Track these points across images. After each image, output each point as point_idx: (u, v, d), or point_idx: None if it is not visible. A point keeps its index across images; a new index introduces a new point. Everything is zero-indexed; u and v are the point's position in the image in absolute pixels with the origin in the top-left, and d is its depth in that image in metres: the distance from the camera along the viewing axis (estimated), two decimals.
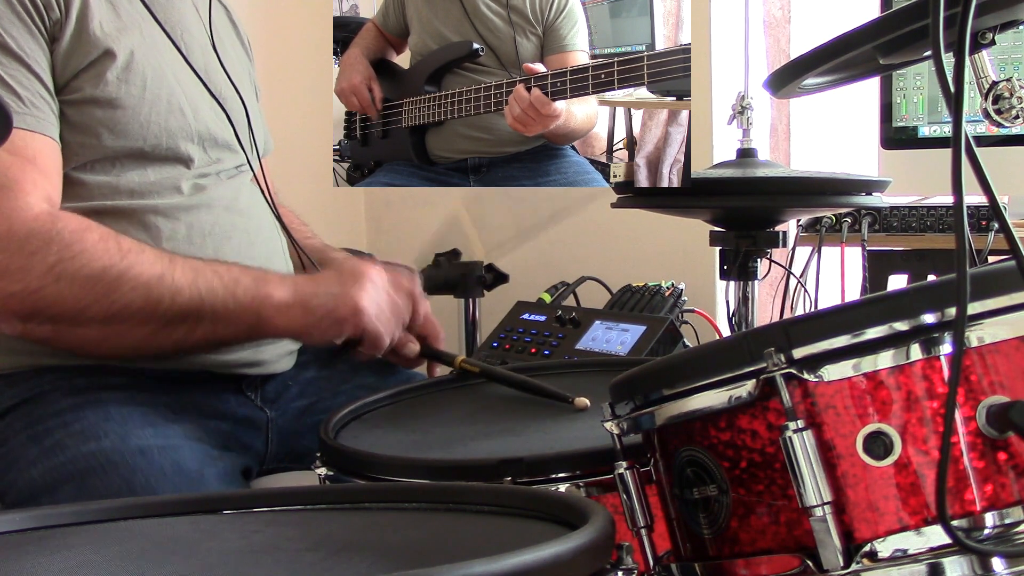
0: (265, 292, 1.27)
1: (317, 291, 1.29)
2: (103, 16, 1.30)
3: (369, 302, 1.29)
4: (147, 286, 1.21)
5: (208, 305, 1.24)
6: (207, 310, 1.24)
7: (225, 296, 1.24)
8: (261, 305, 1.26)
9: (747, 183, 1.57)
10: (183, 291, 1.23)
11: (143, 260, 1.22)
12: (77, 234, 1.20)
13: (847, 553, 0.75)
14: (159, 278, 1.22)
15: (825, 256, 2.07)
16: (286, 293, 1.27)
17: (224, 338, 1.29)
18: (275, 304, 1.27)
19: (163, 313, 1.22)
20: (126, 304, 1.21)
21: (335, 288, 1.30)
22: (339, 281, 1.31)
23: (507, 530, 0.75)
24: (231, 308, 1.25)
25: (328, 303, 1.28)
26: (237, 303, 1.25)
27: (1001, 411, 0.74)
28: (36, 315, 1.21)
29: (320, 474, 1.06)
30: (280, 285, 1.28)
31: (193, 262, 1.26)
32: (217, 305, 1.24)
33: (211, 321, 1.25)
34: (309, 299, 1.28)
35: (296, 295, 1.28)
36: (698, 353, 0.89)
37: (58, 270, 1.19)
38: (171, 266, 1.23)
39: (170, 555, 0.75)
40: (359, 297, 1.29)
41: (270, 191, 1.49)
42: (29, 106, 1.23)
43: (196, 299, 1.23)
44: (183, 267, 1.24)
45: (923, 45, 1.01)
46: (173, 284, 1.22)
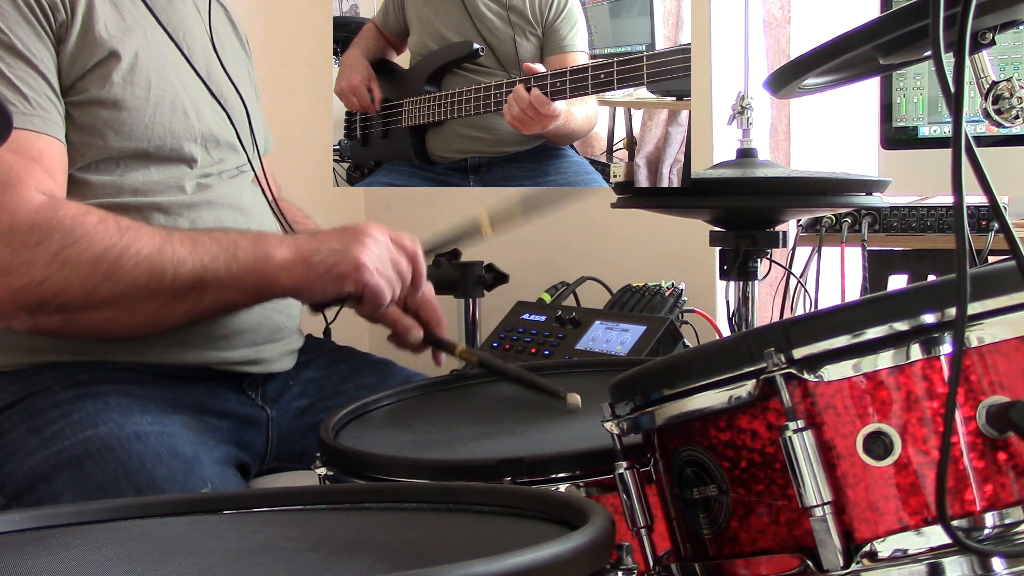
0: (266, 251, 1.26)
1: (319, 247, 1.28)
2: (108, 18, 1.30)
3: (370, 258, 1.29)
4: (149, 260, 1.21)
5: (211, 272, 1.24)
6: (211, 277, 1.24)
7: (227, 260, 1.24)
8: (263, 265, 1.26)
9: (747, 183, 1.57)
10: (185, 261, 1.23)
11: (142, 235, 1.23)
12: (77, 219, 1.21)
13: (847, 553, 0.75)
14: (159, 251, 1.22)
15: (825, 256, 2.07)
16: (287, 251, 1.27)
17: (232, 302, 1.29)
18: (277, 263, 1.26)
19: (168, 285, 1.22)
20: (131, 281, 1.21)
21: (336, 244, 1.29)
22: (340, 238, 1.30)
23: (507, 530, 0.75)
24: (234, 271, 1.25)
25: (330, 259, 1.28)
26: (240, 266, 1.25)
27: (1001, 411, 0.74)
28: (44, 306, 1.21)
29: (320, 474, 1.06)
30: (280, 244, 1.28)
31: (191, 233, 1.26)
32: (220, 270, 1.24)
33: (217, 287, 1.24)
34: (310, 255, 1.27)
35: (297, 252, 1.27)
36: (698, 353, 0.89)
37: (62, 257, 1.19)
38: (169, 239, 1.24)
39: (170, 555, 0.75)
40: (360, 253, 1.28)
41: (271, 189, 1.49)
42: (35, 107, 1.24)
43: (199, 267, 1.23)
44: (181, 238, 1.24)
45: (923, 45, 1.01)
46: (174, 255, 1.22)
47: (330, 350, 1.58)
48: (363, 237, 1.29)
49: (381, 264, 1.30)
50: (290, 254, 1.27)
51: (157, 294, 1.23)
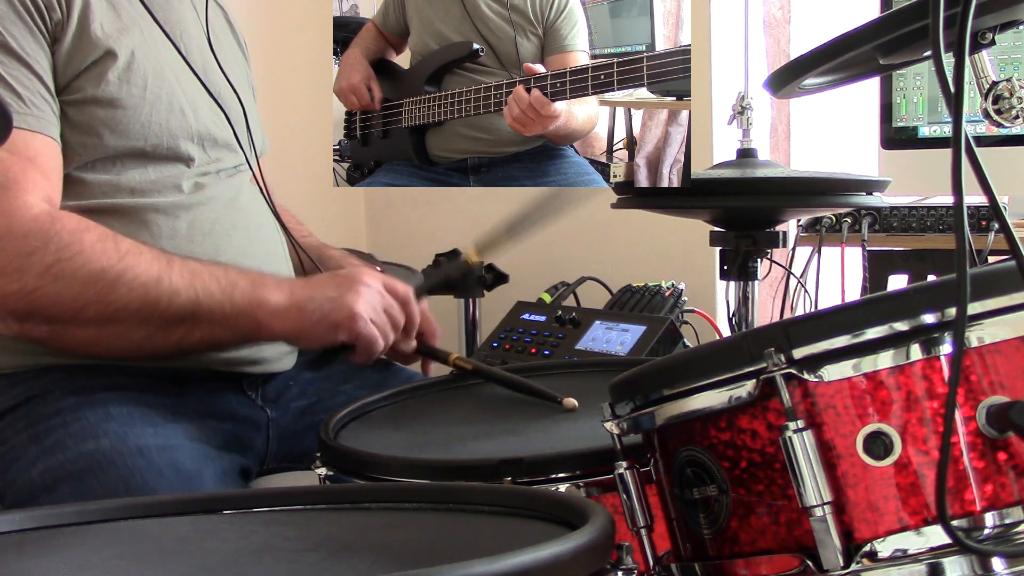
0: (261, 296, 1.27)
1: (313, 295, 1.29)
2: (104, 17, 1.30)
3: (364, 307, 1.30)
4: (145, 287, 1.21)
5: (205, 308, 1.24)
6: (204, 313, 1.24)
7: (222, 299, 1.25)
8: (258, 309, 1.26)
9: (747, 183, 1.57)
10: (180, 293, 1.23)
11: (141, 262, 1.22)
12: (75, 234, 1.21)
13: (847, 553, 0.75)
14: (157, 280, 1.22)
15: (825, 256, 2.07)
16: (282, 297, 1.28)
17: (221, 340, 1.29)
18: (271, 308, 1.27)
19: (160, 315, 1.23)
20: (123, 305, 1.21)
21: (331, 292, 1.30)
22: (334, 285, 1.31)
23: (507, 530, 0.75)
24: (228, 311, 1.25)
25: (324, 307, 1.29)
26: (234, 306, 1.25)
27: (1001, 411, 0.74)
28: (33, 315, 1.21)
29: (320, 474, 1.06)
30: (276, 289, 1.28)
31: (191, 264, 1.26)
32: (214, 308, 1.24)
33: (208, 323, 1.25)
34: (304, 303, 1.28)
35: (292, 299, 1.28)
36: (698, 353, 0.89)
37: (56, 270, 1.19)
38: (169, 268, 1.24)
39: (170, 555, 0.75)
40: (354, 302, 1.29)
41: (268, 190, 1.49)
42: (30, 106, 1.24)
43: (193, 302, 1.23)
44: (181, 269, 1.24)
45: (923, 45, 1.01)
46: (171, 286, 1.23)
47: (329, 359, 1.58)
48: (357, 285, 1.30)
49: (375, 313, 1.31)
50: (285, 300, 1.28)
51: (147, 322, 1.23)
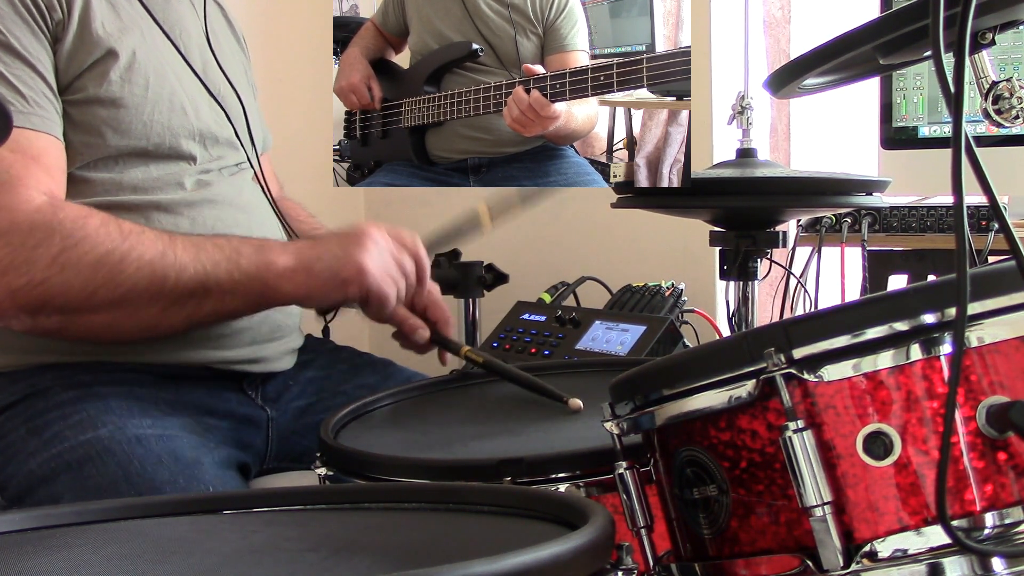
0: (268, 259, 1.26)
1: (320, 254, 1.28)
2: (104, 16, 1.30)
3: (372, 262, 1.28)
4: (151, 265, 1.21)
5: (213, 278, 1.23)
6: (212, 283, 1.23)
7: (229, 267, 1.24)
8: (265, 273, 1.25)
9: (747, 183, 1.57)
10: (187, 267, 1.22)
11: (144, 240, 1.22)
12: (78, 221, 1.21)
13: (847, 553, 0.75)
14: (162, 256, 1.22)
15: (825, 256, 2.07)
16: (289, 259, 1.26)
17: (233, 310, 1.28)
18: (279, 270, 1.26)
19: (170, 291, 1.22)
20: (132, 285, 1.21)
21: (337, 250, 1.28)
22: (341, 243, 1.29)
23: (507, 530, 0.75)
24: (236, 279, 1.24)
25: (332, 265, 1.27)
26: (242, 273, 1.24)
27: (1001, 411, 0.74)
28: (44, 307, 1.21)
29: (320, 474, 1.06)
30: (282, 252, 1.27)
31: (194, 238, 1.26)
32: (222, 277, 1.24)
33: (218, 294, 1.24)
34: (312, 263, 1.27)
35: (299, 260, 1.27)
36: (698, 353, 0.89)
37: (62, 259, 1.19)
38: (172, 244, 1.23)
39: (170, 555, 0.75)
40: (362, 257, 1.27)
41: (269, 188, 1.49)
42: (33, 105, 1.24)
43: (201, 273, 1.23)
44: (184, 244, 1.24)
45: (923, 45, 1.01)
46: (176, 261, 1.22)
47: (330, 350, 1.58)
48: (364, 240, 1.28)
49: (384, 265, 1.29)
50: (292, 262, 1.26)
51: (158, 299, 1.22)
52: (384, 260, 1.29)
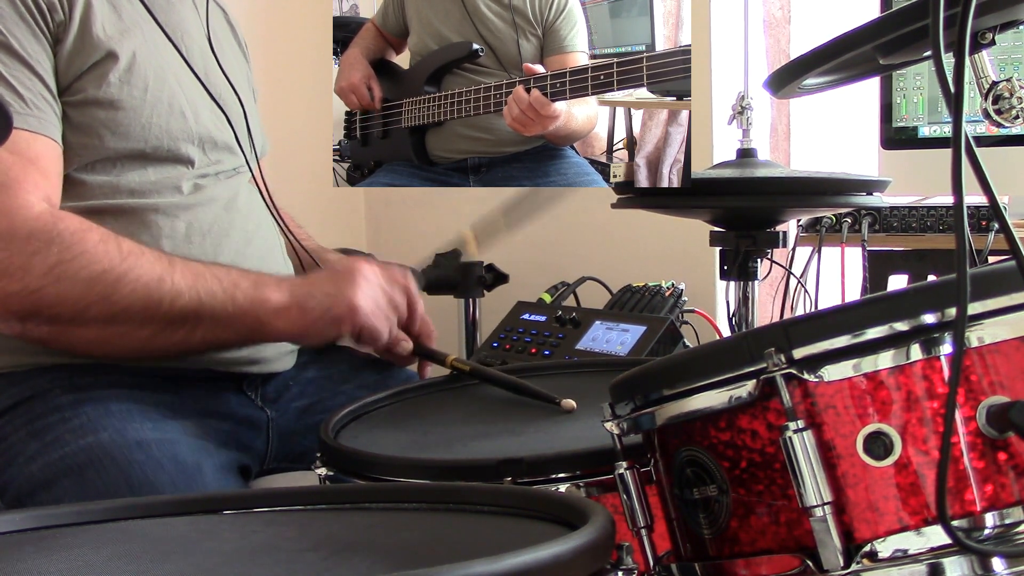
0: (263, 295, 1.27)
1: (312, 292, 1.29)
2: (105, 18, 1.30)
3: (364, 299, 1.30)
4: (147, 288, 1.22)
5: (208, 308, 1.24)
6: (206, 313, 1.24)
7: (224, 300, 1.25)
8: (259, 309, 1.26)
9: (747, 183, 1.56)
10: (183, 294, 1.23)
11: (143, 262, 1.22)
12: (78, 235, 1.21)
13: (847, 553, 0.75)
14: (159, 280, 1.22)
15: (825, 256, 2.07)
16: (282, 296, 1.28)
17: (224, 341, 1.29)
18: (273, 307, 1.27)
19: (163, 316, 1.23)
20: (126, 306, 1.21)
21: (330, 288, 1.30)
22: (333, 280, 1.31)
23: (507, 530, 0.75)
24: (230, 312, 1.25)
25: (324, 303, 1.29)
26: (236, 307, 1.25)
27: (1001, 411, 0.74)
28: (35, 315, 1.21)
29: (320, 474, 1.06)
30: (276, 288, 1.28)
31: (193, 265, 1.26)
32: (217, 308, 1.24)
33: (210, 324, 1.25)
34: (305, 300, 1.28)
35: (292, 297, 1.28)
36: (698, 353, 0.89)
37: (58, 271, 1.19)
38: (171, 269, 1.24)
39: (170, 555, 0.75)
40: (354, 295, 1.29)
41: (268, 192, 1.49)
42: (31, 107, 1.24)
43: (196, 302, 1.23)
44: (183, 270, 1.24)
45: (923, 45, 1.01)
46: (173, 287, 1.23)
47: (330, 350, 1.58)
48: (356, 277, 1.31)
49: (376, 303, 1.31)
50: (285, 299, 1.28)
51: (150, 323, 1.23)
52: (376, 298, 1.32)
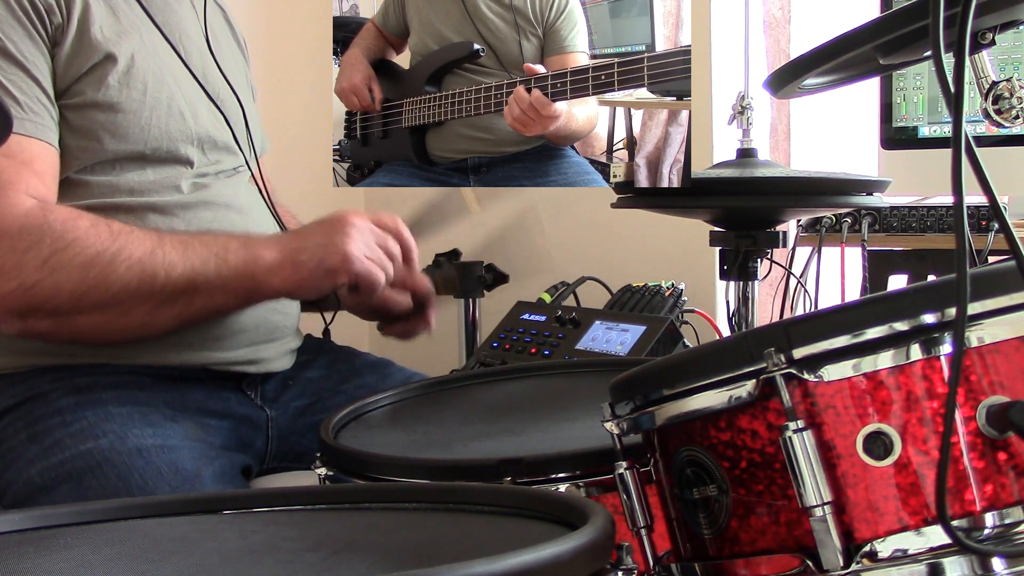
0: (255, 254, 1.27)
1: (304, 245, 1.29)
2: (103, 20, 1.30)
3: (356, 248, 1.29)
4: (141, 263, 1.21)
5: (202, 275, 1.24)
6: (202, 280, 1.24)
7: (218, 264, 1.25)
8: (253, 267, 1.26)
9: (747, 183, 1.56)
10: (176, 265, 1.23)
11: (134, 239, 1.23)
12: (68, 223, 1.21)
13: (847, 553, 0.75)
14: (151, 254, 1.22)
15: (825, 256, 2.07)
16: (274, 252, 1.27)
17: (223, 306, 1.29)
18: (267, 265, 1.27)
19: (160, 289, 1.22)
20: (123, 285, 1.21)
21: (321, 239, 1.29)
22: (324, 231, 1.30)
23: (507, 530, 0.75)
24: (224, 275, 1.25)
25: (317, 254, 1.28)
26: (230, 269, 1.25)
27: (1001, 411, 0.74)
28: (35, 310, 1.21)
29: (320, 474, 1.06)
30: (267, 246, 1.28)
31: (182, 236, 1.26)
32: (210, 274, 1.24)
33: (207, 291, 1.25)
34: (297, 254, 1.28)
35: (284, 253, 1.28)
36: (698, 353, 0.89)
37: (53, 262, 1.19)
38: (161, 242, 1.24)
39: (170, 555, 0.75)
40: (345, 243, 1.28)
41: (268, 190, 1.49)
42: (28, 111, 1.23)
43: (190, 271, 1.23)
44: (172, 242, 1.24)
45: (923, 45, 1.01)
46: (165, 259, 1.23)
47: (330, 350, 1.58)
48: (345, 227, 1.29)
49: (369, 249, 1.30)
50: (278, 255, 1.27)
51: (148, 298, 1.23)
52: (368, 244, 1.30)
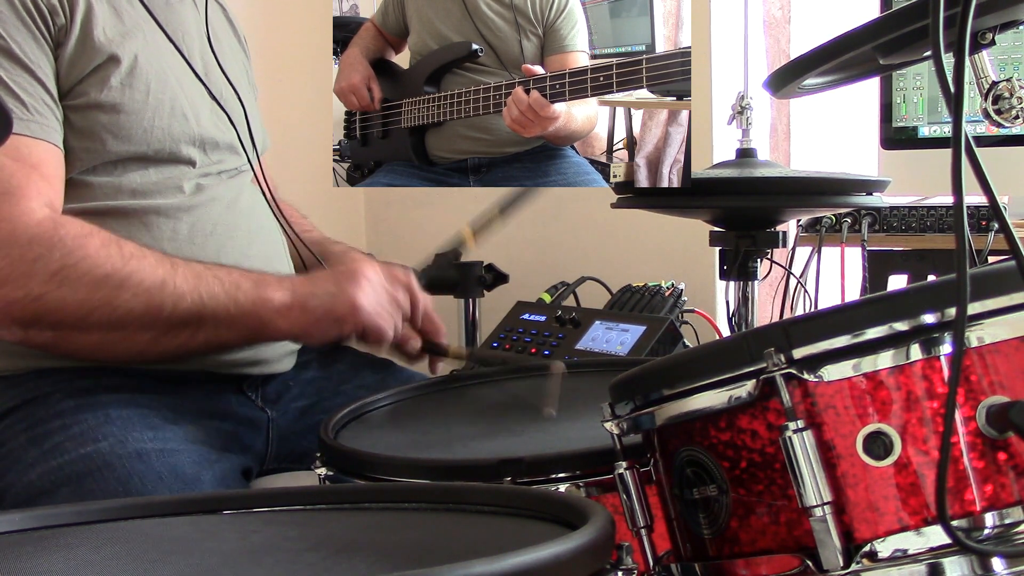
0: (265, 296, 1.27)
1: (315, 291, 1.29)
2: (107, 21, 1.29)
3: (366, 298, 1.30)
4: (149, 292, 1.21)
5: (210, 310, 1.24)
6: (209, 315, 1.24)
7: (227, 301, 1.25)
8: (261, 309, 1.26)
9: (747, 183, 1.56)
10: (185, 297, 1.23)
11: (145, 266, 1.22)
12: (79, 239, 1.20)
13: (847, 553, 0.75)
14: (161, 284, 1.22)
15: (825, 256, 2.07)
16: (284, 295, 1.28)
17: (226, 342, 1.29)
18: (275, 307, 1.27)
19: (165, 319, 1.22)
20: (128, 310, 1.21)
21: (332, 287, 1.30)
22: (335, 280, 1.31)
23: (507, 530, 0.75)
24: (232, 313, 1.25)
25: (326, 302, 1.29)
26: (238, 308, 1.25)
27: (1001, 411, 0.74)
28: (38, 321, 1.21)
29: (320, 474, 1.06)
30: (278, 288, 1.28)
31: (195, 267, 1.26)
32: (219, 310, 1.24)
33: (213, 326, 1.25)
34: (307, 299, 1.28)
35: (294, 297, 1.28)
36: (698, 353, 0.89)
37: (61, 276, 1.19)
38: (173, 271, 1.23)
39: (170, 555, 0.75)
40: (356, 295, 1.29)
41: (270, 189, 1.49)
42: (33, 113, 1.23)
43: (198, 304, 1.23)
44: (185, 272, 1.24)
45: (923, 45, 1.01)
46: (175, 290, 1.22)
47: (330, 351, 1.58)
48: (358, 277, 1.31)
49: (378, 302, 1.31)
50: (288, 298, 1.28)
51: (153, 326, 1.23)
52: (378, 297, 1.32)
